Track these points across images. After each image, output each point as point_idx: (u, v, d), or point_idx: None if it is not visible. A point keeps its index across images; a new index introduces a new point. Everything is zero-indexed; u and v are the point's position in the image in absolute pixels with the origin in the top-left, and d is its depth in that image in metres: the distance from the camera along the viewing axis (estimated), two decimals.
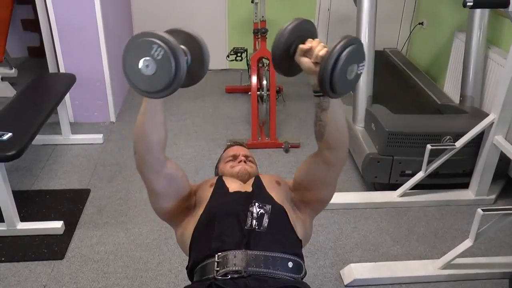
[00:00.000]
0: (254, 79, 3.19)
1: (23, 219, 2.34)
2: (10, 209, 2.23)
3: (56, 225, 2.32)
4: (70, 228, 2.36)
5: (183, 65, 1.01)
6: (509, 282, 2.02)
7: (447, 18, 3.68)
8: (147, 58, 1.01)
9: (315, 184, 1.36)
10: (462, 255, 2.02)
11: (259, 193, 1.33)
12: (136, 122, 1.20)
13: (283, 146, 3.19)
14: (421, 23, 4.12)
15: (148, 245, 2.26)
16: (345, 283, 2.05)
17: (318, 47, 1.10)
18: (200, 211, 1.34)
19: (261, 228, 1.22)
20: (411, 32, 4.29)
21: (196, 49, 1.15)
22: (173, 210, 1.38)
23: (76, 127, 3.38)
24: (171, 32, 1.12)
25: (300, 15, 1.21)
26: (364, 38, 2.78)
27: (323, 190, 1.38)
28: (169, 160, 1.30)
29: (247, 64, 3.78)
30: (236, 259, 1.16)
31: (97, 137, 3.24)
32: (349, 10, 3.50)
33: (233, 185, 1.38)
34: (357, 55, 1.06)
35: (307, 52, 1.11)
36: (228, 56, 3.73)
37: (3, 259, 2.15)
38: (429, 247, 2.30)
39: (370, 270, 2.08)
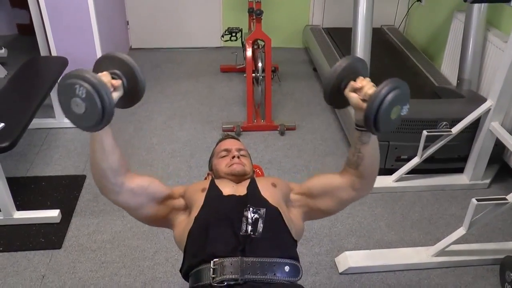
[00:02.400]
0: (249, 62, 3.14)
1: (19, 207, 2.35)
2: (6, 199, 2.23)
3: (52, 214, 2.32)
4: (67, 216, 2.37)
5: (108, 98, 1.06)
6: (500, 269, 2.07)
7: None
8: (74, 98, 1.06)
9: (332, 203, 1.42)
10: (455, 242, 2.05)
11: (253, 196, 1.33)
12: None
13: (278, 129, 3.18)
14: (419, 0, 4.04)
15: (144, 233, 2.28)
16: (340, 271, 2.08)
17: (367, 85, 1.18)
18: (194, 214, 1.34)
19: (256, 234, 1.23)
20: (409, 9, 4.22)
21: (129, 71, 1.20)
22: (156, 216, 1.41)
23: None
24: (103, 59, 1.21)
25: None
26: (362, 15, 2.70)
27: (337, 208, 1.44)
28: (130, 175, 1.32)
29: (242, 44, 3.72)
30: (232, 267, 1.17)
31: None
32: None
33: (226, 189, 1.38)
34: (402, 98, 1.13)
35: (357, 89, 1.20)
36: (222, 36, 3.67)
37: (0, 248, 2.17)
38: (423, 233, 2.33)
39: (364, 258, 2.11)
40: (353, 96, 1.20)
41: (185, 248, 1.32)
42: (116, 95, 1.16)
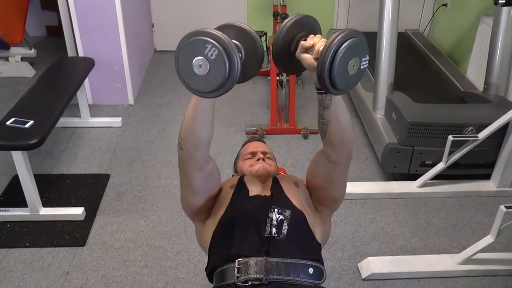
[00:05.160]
0: (273, 65, 3.14)
1: (45, 204, 2.39)
2: (33, 195, 2.28)
3: (77, 212, 2.36)
4: (91, 214, 2.40)
5: (237, 65, 0.97)
6: None
7: (472, 0, 3.55)
8: (200, 57, 0.97)
9: (323, 183, 1.36)
10: (482, 250, 2.00)
11: (278, 197, 1.32)
12: (184, 118, 1.17)
13: (302, 132, 3.17)
14: (445, 5, 3.99)
15: (167, 233, 2.29)
16: (363, 277, 2.05)
17: (319, 43, 1.05)
18: (220, 212, 1.34)
19: (281, 236, 1.22)
20: (434, 14, 4.16)
21: (250, 43, 1.11)
22: (202, 207, 1.39)
23: (95, 109, 3.40)
24: (222, 27, 1.10)
25: None
26: (387, 19, 2.70)
27: (333, 188, 1.37)
28: (210, 157, 1.28)
29: (267, 48, 3.72)
30: (257, 266, 1.16)
31: (116, 121, 3.25)
32: None
33: (253, 188, 1.38)
34: (359, 49, 1.01)
35: (309, 49, 1.07)
36: None
37: (27, 244, 2.21)
38: (448, 240, 2.28)
39: (388, 264, 2.08)
40: (306, 57, 1.08)
41: (210, 248, 1.32)
42: None
